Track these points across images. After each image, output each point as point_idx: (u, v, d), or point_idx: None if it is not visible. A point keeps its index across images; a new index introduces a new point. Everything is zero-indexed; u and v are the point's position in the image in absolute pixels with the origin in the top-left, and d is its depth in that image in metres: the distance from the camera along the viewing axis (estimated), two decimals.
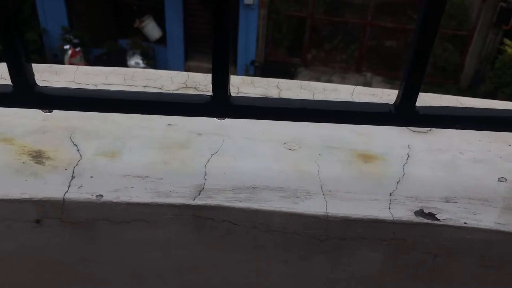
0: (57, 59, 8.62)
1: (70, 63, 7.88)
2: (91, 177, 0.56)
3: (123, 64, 8.33)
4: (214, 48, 0.46)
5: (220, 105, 0.50)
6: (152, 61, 9.08)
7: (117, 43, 9.06)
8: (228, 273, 0.61)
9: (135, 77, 0.75)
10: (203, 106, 0.50)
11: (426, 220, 0.54)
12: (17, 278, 0.61)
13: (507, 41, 7.96)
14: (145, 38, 9.01)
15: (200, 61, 8.98)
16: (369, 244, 0.56)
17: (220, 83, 0.49)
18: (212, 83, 0.49)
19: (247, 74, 8.68)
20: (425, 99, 0.74)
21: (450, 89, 8.35)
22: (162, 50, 9.17)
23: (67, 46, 8.51)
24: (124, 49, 8.96)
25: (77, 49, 8.53)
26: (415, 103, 0.50)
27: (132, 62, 8.69)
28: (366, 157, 0.63)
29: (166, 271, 0.60)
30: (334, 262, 0.58)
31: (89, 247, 0.57)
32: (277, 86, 0.75)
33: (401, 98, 0.50)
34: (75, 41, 8.58)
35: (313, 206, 0.54)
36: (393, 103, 0.51)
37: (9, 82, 0.48)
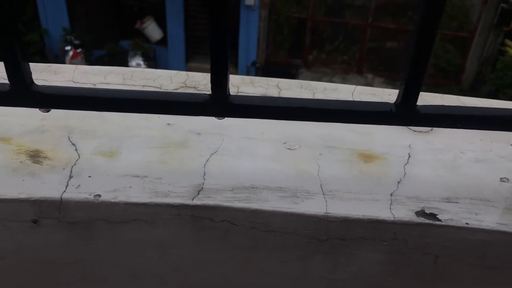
0: (59, 60, 8.63)
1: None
2: (89, 176, 0.55)
3: (125, 65, 8.31)
4: (212, 47, 0.46)
5: (219, 104, 0.50)
6: (153, 62, 9.09)
7: (118, 45, 9.08)
8: (227, 273, 0.60)
9: (134, 77, 0.74)
10: (201, 105, 0.50)
11: (427, 221, 0.53)
12: (14, 278, 0.60)
13: (508, 42, 7.95)
14: (146, 39, 9.03)
15: (201, 62, 8.98)
16: (370, 244, 0.55)
17: (219, 82, 0.48)
18: (211, 82, 0.48)
19: (248, 75, 8.66)
20: (426, 99, 0.73)
21: (451, 90, 8.33)
22: (163, 51, 9.18)
23: (68, 47, 8.52)
24: (125, 50, 8.98)
25: (78, 50, 8.54)
26: (416, 102, 0.50)
27: (133, 63, 8.71)
28: (367, 157, 0.62)
29: (164, 271, 0.60)
30: (334, 263, 0.57)
31: (87, 247, 0.57)
32: (277, 86, 0.75)
33: (401, 97, 0.49)
34: (76, 42, 8.58)
35: (313, 206, 0.54)
36: (394, 102, 0.50)
37: (6, 81, 0.48)
